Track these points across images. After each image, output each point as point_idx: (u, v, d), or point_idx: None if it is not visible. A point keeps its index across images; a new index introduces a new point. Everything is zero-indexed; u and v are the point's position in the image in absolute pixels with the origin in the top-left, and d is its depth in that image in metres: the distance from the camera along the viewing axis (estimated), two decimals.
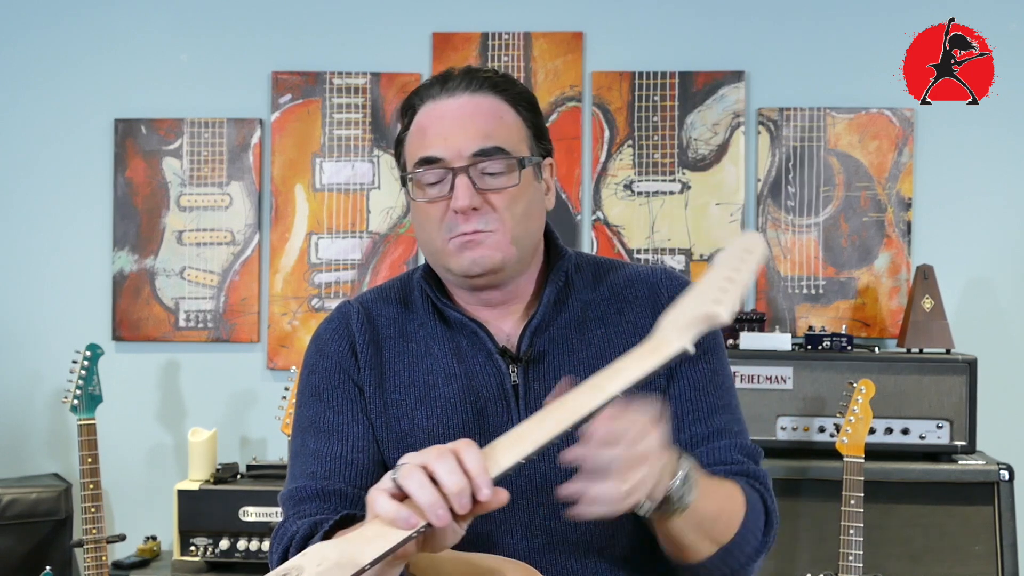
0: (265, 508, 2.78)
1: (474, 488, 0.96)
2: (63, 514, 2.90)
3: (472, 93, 1.31)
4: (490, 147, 1.28)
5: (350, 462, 1.30)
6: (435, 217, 1.30)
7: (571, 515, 1.06)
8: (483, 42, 3.13)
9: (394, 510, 0.95)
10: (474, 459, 0.97)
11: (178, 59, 3.19)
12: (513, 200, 1.29)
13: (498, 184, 1.29)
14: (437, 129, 1.30)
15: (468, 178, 1.27)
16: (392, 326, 1.37)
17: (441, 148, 1.28)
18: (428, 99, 1.32)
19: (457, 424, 1.30)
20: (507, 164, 1.29)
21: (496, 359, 1.32)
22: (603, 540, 1.29)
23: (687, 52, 3.11)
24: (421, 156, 1.30)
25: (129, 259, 3.17)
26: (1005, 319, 3.06)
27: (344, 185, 3.15)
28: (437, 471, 0.96)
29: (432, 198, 1.30)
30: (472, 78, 1.32)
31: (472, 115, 1.30)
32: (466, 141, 1.28)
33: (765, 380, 2.67)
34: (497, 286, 1.33)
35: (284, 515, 1.30)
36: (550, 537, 1.28)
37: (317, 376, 1.36)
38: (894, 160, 3.05)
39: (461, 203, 1.26)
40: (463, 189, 1.27)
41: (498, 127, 1.31)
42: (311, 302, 3.15)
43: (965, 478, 2.57)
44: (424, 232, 1.33)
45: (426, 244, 1.34)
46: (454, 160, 1.28)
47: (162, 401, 3.18)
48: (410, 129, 1.34)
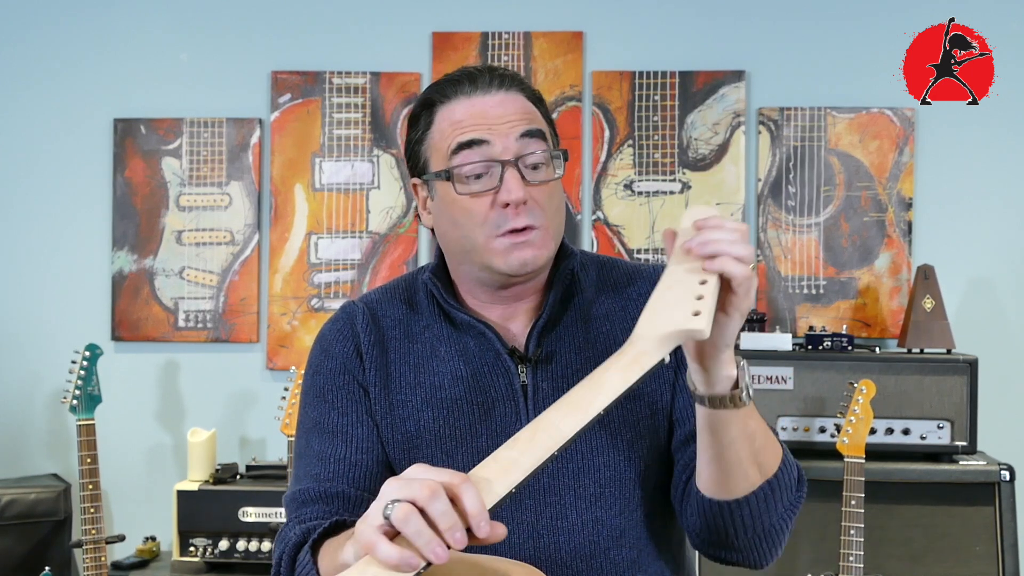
0: (265, 509, 2.78)
1: (472, 528, 0.92)
2: (62, 514, 2.90)
3: (507, 90, 1.30)
4: (535, 128, 1.28)
5: (354, 464, 1.29)
6: (478, 212, 1.26)
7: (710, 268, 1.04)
8: (483, 41, 3.12)
9: (397, 556, 0.90)
10: (473, 500, 0.92)
11: (177, 59, 3.19)
12: (551, 195, 1.29)
13: (542, 177, 1.28)
14: (478, 120, 1.27)
15: (518, 170, 1.25)
16: (398, 327, 1.36)
17: (485, 132, 1.26)
18: (457, 95, 1.30)
19: (464, 426, 1.30)
20: (547, 156, 1.28)
21: (505, 359, 1.31)
22: (609, 541, 1.28)
23: (687, 52, 3.11)
24: (461, 140, 1.26)
25: (128, 259, 3.16)
26: (1006, 319, 3.05)
27: (344, 185, 3.14)
28: (433, 513, 0.90)
29: (476, 192, 1.26)
30: (501, 76, 1.30)
31: (511, 108, 1.28)
32: (512, 127, 1.26)
33: (765, 380, 2.67)
34: (524, 282, 1.32)
35: (287, 518, 1.29)
36: (556, 538, 1.27)
37: (322, 377, 1.35)
38: (895, 160, 3.04)
39: (516, 195, 1.24)
40: (515, 181, 1.24)
41: (535, 118, 1.31)
42: (311, 302, 3.14)
43: (966, 478, 2.57)
44: (461, 229, 1.29)
45: (462, 241, 1.30)
46: (500, 147, 1.26)
47: (161, 401, 3.18)
48: (433, 127, 1.31)
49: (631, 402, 1.26)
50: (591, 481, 1.28)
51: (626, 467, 1.29)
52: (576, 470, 1.28)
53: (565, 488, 1.28)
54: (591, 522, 1.28)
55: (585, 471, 1.28)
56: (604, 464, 1.29)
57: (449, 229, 1.31)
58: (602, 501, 1.28)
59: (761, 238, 3.07)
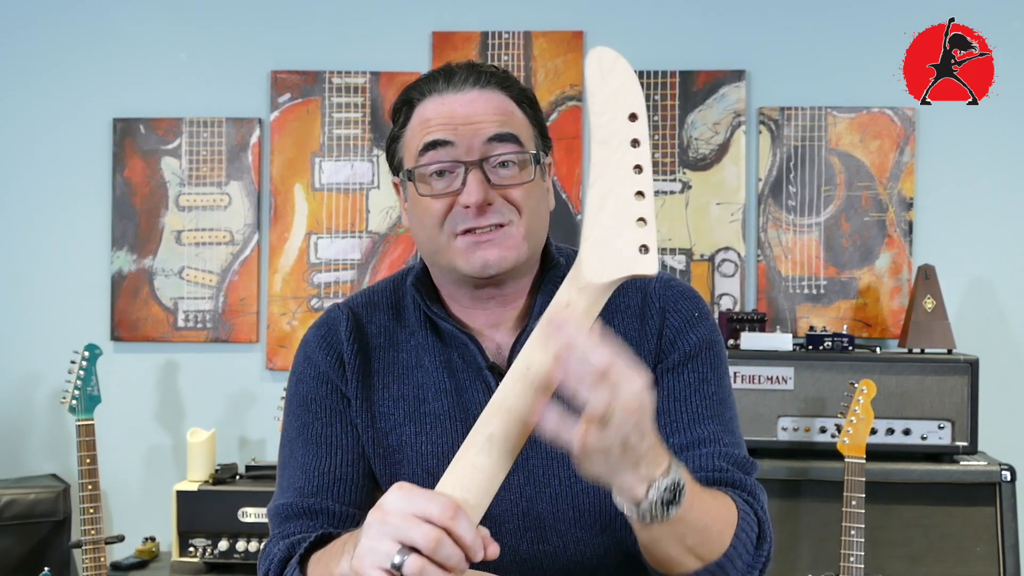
0: (264, 509, 2.75)
1: (470, 557, 0.93)
2: (61, 515, 2.90)
3: (481, 88, 1.24)
4: (505, 132, 1.22)
5: (339, 478, 1.26)
6: (437, 212, 1.22)
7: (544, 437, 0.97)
8: (483, 41, 3.12)
9: None
10: (467, 532, 0.92)
11: (177, 58, 3.18)
12: (529, 194, 1.23)
13: (512, 180, 1.22)
14: (445, 118, 1.22)
15: (482, 172, 1.20)
16: (382, 335, 1.32)
17: (450, 133, 1.21)
18: (430, 93, 1.25)
19: (446, 442, 1.26)
20: (520, 158, 1.22)
21: (485, 375, 1.26)
22: (594, 560, 1.26)
23: (688, 51, 3.10)
24: (426, 141, 1.22)
25: (128, 259, 3.16)
26: (1007, 319, 3.05)
27: (343, 185, 3.14)
28: (440, 559, 0.91)
29: (437, 192, 1.21)
30: (478, 73, 1.25)
31: (483, 108, 1.23)
32: (479, 129, 1.21)
33: (766, 380, 2.66)
34: (499, 284, 1.26)
35: (271, 532, 1.27)
36: (539, 562, 1.25)
37: (305, 385, 1.32)
38: (895, 160, 3.04)
39: (474, 198, 1.18)
40: (476, 184, 1.19)
41: (510, 120, 1.24)
42: (310, 302, 3.14)
43: (967, 479, 2.56)
44: (424, 230, 1.24)
45: (426, 243, 1.26)
46: (465, 150, 1.20)
47: (161, 401, 3.17)
48: (408, 125, 1.27)
49: None
50: (568, 506, 1.25)
51: (605, 490, 1.26)
52: (553, 495, 1.25)
53: (544, 512, 1.25)
54: (573, 543, 1.25)
55: (563, 496, 1.25)
56: (582, 490, 1.24)
57: (418, 230, 1.27)
58: (582, 522, 1.25)
59: (762, 238, 3.07)
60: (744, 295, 3.06)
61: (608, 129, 0.97)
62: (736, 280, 3.06)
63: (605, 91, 0.98)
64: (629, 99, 0.98)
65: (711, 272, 3.07)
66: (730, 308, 3.03)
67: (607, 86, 0.98)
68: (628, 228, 0.96)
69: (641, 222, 0.96)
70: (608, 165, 0.97)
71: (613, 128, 0.97)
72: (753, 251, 3.07)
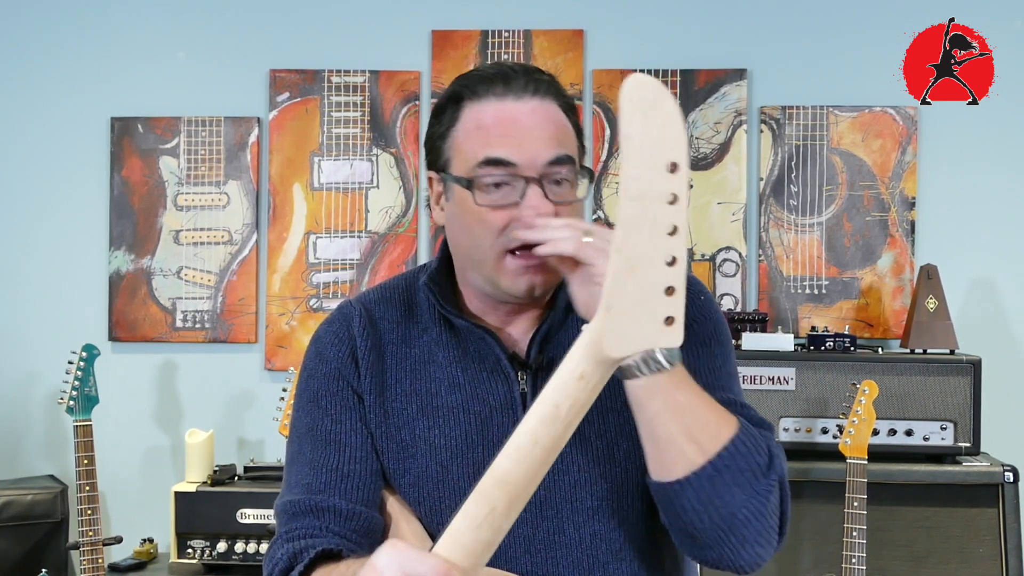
0: (263, 510, 2.76)
1: None
2: (59, 516, 2.88)
3: (541, 98, 1.24)
4: (564, 155, 1.22)
5: (347, 475, 1.26)
6: (494, 225, 1.21)
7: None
8: (483, 40, 3.11)
9: None
10: None
11: (175, 57, 3.17)
12: (572, 212, 1.24)
13: (565, 196, 1.23)
14: (507, 132, 1.22)
15: (541, 188, 1.21)
16: (395, 330, 1.32)
17: (515, 152, 1.21)
18: (488, 96, 1.23)
19: (459, 436, 1.26)
20: (572, 175, 1.24)
21: (505, 365, 1.27)
22: (608, 555, 1.26)
23: (689, 50, 3.09)
24: (488, 156, 1.21)
25: (126, 259, 3.14)
26: (1009, 319, 3.04)
27: (343, 184, 3.13)
28: None
29: (496, 203, 1.21)
30: (537, 81, 1.24)
31: (543, 122, 1.23)
32: (542, 149, 1.21)
33: (767, 381, 2.65)
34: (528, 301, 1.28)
35: (277, 530, 1.26)
36: (553, 553, 1.25)
37: (316, 381, 1.32)
38: (897, 159, 3.03)
39: (542, 211, 1.19)
40: (538, 198, 1.20)
41: (565, 136, 1.24)
42: (309, 302, 3.13)
43: (969, 480, 2.56)
44: (474, 239, 1.24)
45: (471, 251, 1.26)
46: (527, 167, 1.21)
47: (159, 402, 3.16)
48: (458, 124, 1.25)
49: (627, 411, 1.18)
50: (588, 495, 1.25)
51: (624, 479, 1.26)
52: (572, 483, 1.25)
53: (562, 501, 1.25)
54: (589, 536, 1.25)
55: (582, 484, 1.25)
56: (601, 476, 1.25)
57: (461, 236, 1.27)
58: (600, 514, 1.25)
59: (763, 238, 3.06)
60: (745, 295, 3.05)
61: (642, 183, 0.85)
62: (737, 280, 3.05)
63: (642, 135, 0.84)
64: (669, 145, 0.84)
65: (712, 272, 3.06)
66: (731, 308, 3.02)
67: (647, 129, 0.84)
68: (655, 298, 0.86)
69: (670, 291, 0.86)
70: (639, 228, 0.85)
71: (648, 183, 0.84)
72: (754, 251, 3.07)
